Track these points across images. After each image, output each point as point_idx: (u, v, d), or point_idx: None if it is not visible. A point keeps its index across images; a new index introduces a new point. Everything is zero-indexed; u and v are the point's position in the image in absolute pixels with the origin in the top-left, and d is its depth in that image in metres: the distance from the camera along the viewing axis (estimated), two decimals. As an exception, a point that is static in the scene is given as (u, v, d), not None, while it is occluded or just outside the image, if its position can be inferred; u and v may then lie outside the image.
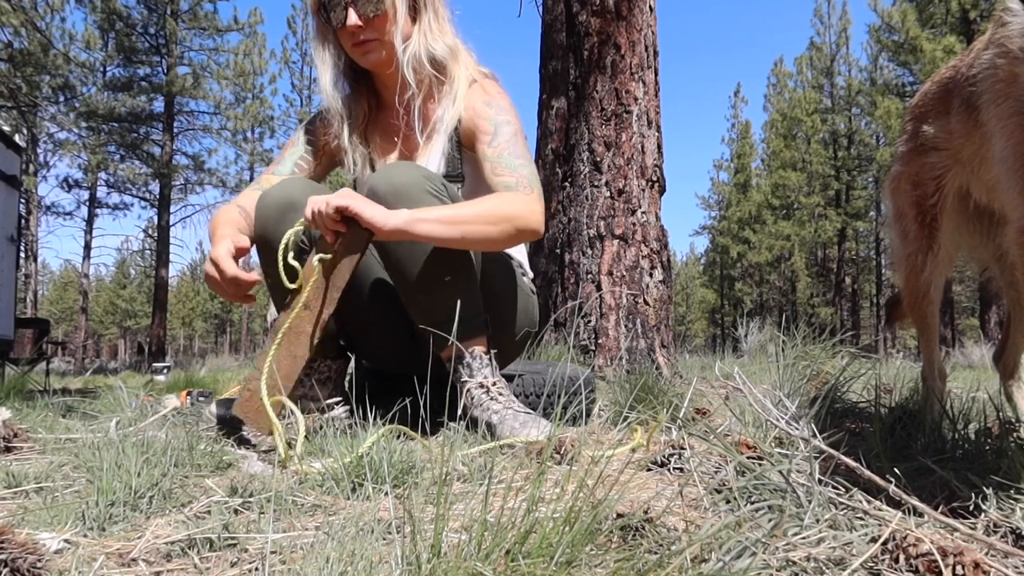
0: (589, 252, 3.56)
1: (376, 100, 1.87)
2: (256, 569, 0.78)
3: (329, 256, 1.51)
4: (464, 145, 1.79)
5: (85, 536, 0.90)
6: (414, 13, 1.75)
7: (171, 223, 19.63)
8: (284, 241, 1.52)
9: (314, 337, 1.53)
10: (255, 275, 1.53)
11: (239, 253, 1.54)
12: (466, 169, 1.81)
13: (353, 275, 1.53)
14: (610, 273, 3.50)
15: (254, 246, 1.67)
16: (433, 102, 1.80)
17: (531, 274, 1.99)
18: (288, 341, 1.52)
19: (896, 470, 1.00)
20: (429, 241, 1.52)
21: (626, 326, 3.44)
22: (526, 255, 2.00)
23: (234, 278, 1.50)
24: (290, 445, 1.31)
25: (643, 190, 3.62)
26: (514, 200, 1.60)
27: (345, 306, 1.72)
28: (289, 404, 1.38)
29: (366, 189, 1.57)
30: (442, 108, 1.78)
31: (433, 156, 1.78)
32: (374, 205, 1.46)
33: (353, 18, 1.68)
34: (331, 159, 1.90)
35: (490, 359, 1.66)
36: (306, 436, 1.39)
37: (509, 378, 1.79)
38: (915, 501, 0.88)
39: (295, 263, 1.53)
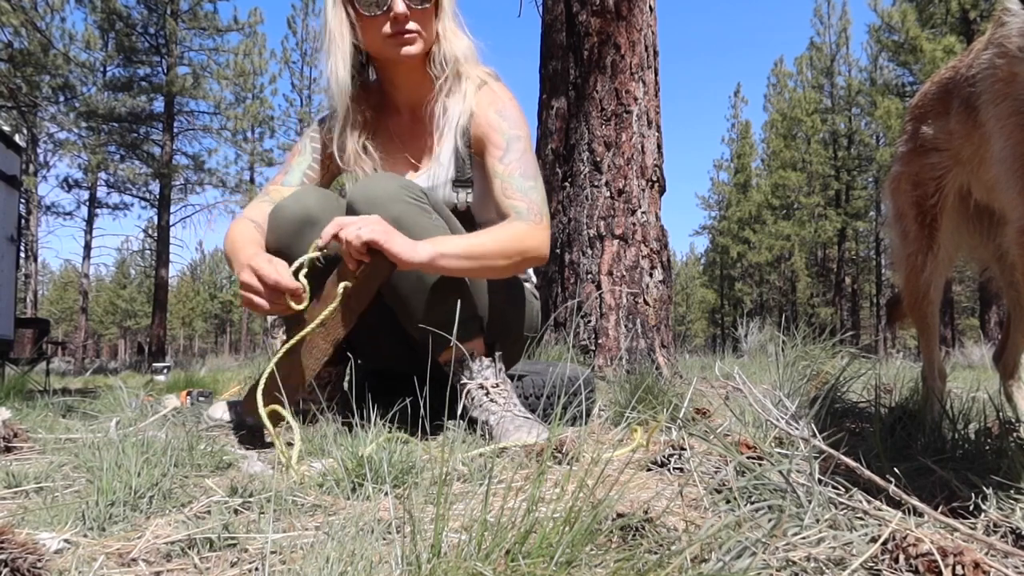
0: (589, 252, 3.56)
1: (379, 103, 1.86)
2: (256, 569, 0.78)
3: (351, 284, 1.52)
4: (474, 151, 1.78)
5: (85, 536, 0.90)
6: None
7: (171, 223, 19.64)
8: (302, 262, 1.52)
9: (327, 353, 1.56)
10: (299, 284, 1.50)
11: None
12: (475, 173, 1.80)
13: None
14: (610, 273, 3.50)
15: None
16: (441, 104, 1.80)
17: (535, 280, 1.99)
18: (305, 354, 1.55)
19: (896, 470, 1.00)
20: (447, 274, 1.55)
21: (626, 326, 3.44)
22: None
23: (283, 286, 1.47)
24: (290, 444, 1.31)
25: (643, 190, 3.62)
26: (527, 232, 1.62)
27: None
28: (286, 414, 1.38)
29: (345, 201, 1.58)
30: (451, 111, 1.77)
31: (443, 160, 1.78)
32: (401, 238, 1.46)
33: (401, 6, 1.67)
34: (338, 165, 1.89)
35: (492, 360, 1.66)
36: (304, 439, 1.39)
37: (511, 379, 1.79)
38: (915, 501, 0.88)
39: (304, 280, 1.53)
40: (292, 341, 1.53)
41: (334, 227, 1.46)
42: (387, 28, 1.70)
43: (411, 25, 1.69)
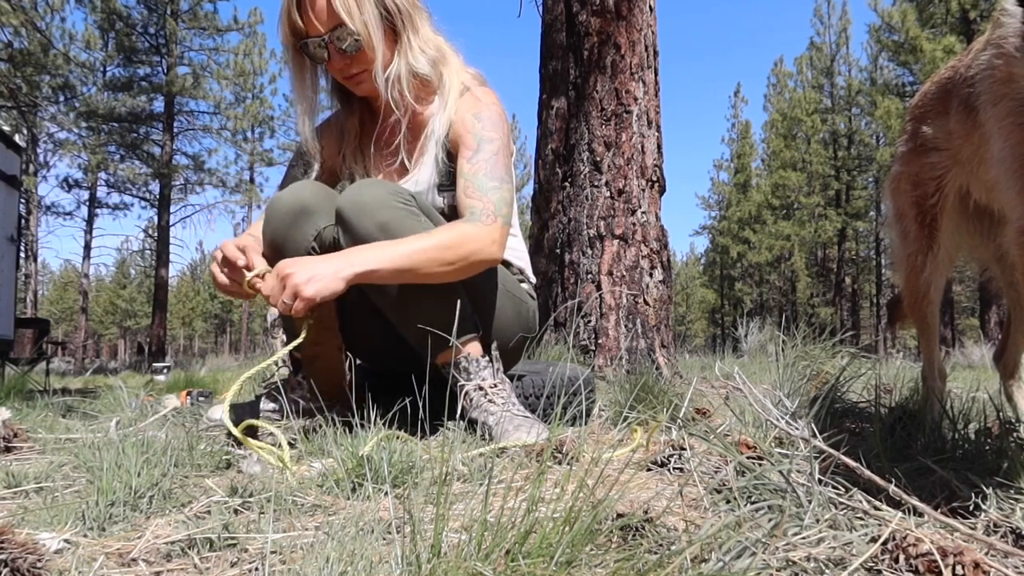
0: (589, 252, 3.56)
1: (370, 111, 1.87)
2: (256, 569, 0.78)
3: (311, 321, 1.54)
4: (451, 154, 1.78)
5: (85, 536, 0.90)
6: (394, 35, 1.73)
7: (171, 223, 19.64)
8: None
9: (338, 352, 1.67)
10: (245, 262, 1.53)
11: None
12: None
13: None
14: (610, 273, 3.50)
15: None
16: (426, 111, 1.80)
17: (533, 280, 1.99)
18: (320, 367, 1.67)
19: (896, 470, 1.00)
20: (384, 283, 1.54)
21: (626, 326, 3.44)
22: (528, 260, 2.00)
23: (232, 261, 1.52)
24: (291, 445, 1.31)
25: (643, 190, 3.62)
26: (473, 234, 1.57)
27: (343, 309, 1.73)
28: (265, 425, 1.39)
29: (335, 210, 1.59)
30: (434, 118, 1.77)
31: (426, 167, 1.78)
32: (313, 280, 1.41)
33: (335, 59, 1.68)
34: (332, 174, 1.90)
35: (489, 361, 1.66)
36: (303, 440, 1.39)
37: (511, 379, 1.79)
38: (915, 501, 0.88)
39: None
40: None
41: (275, 301, 1.47)
42: (336, 74, 1.74)
43: (354, 69, 1.71)
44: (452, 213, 1.79)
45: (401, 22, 1.71)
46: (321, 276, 1.43)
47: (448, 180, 1.78)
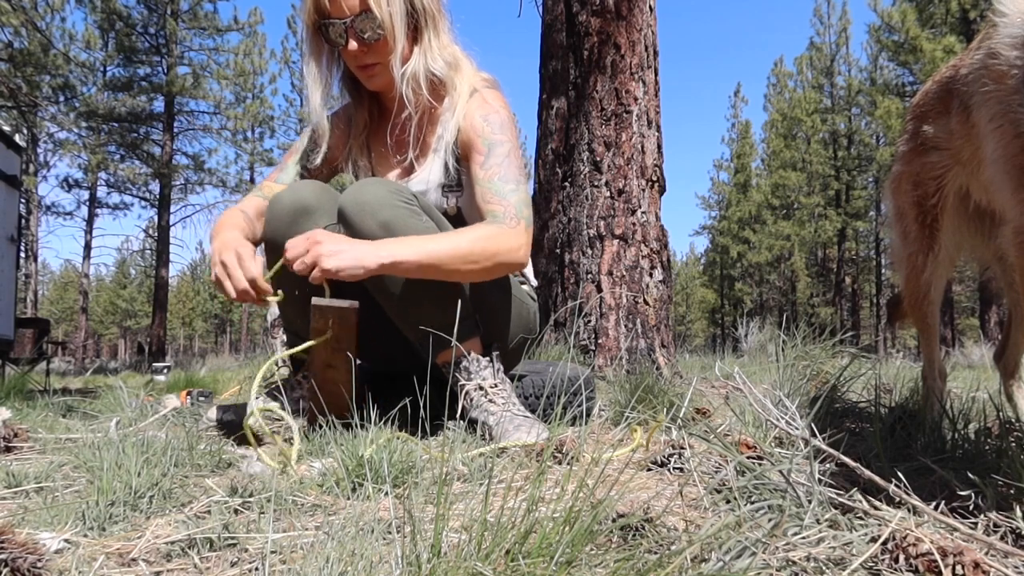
0: (589, 252, 3.55)
1: (378, 107, 1.87)
2: (256, 569, 0.78)
3: (329, 336, 1.52)
4: (461, 156, 1.78)
5: (85, 536, 0.90)
6: (415, 33, 1.73)
7: (171, 223, 19.64)
8: (276, 270, 1.52)
9: (347, 377, 1.55)
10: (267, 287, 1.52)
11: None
12: (465, 179, 1.80)
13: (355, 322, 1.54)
14: (610, 273, 3.50)
15: (259, 248, 1.67)
16: (435, 112, 1.79)
17: (534, 281, 1.98)
18: (325, 390, 1.56)
19: (896, 470, 1.00)
20: (408, 276, 1.54)
21: (626, 326, 3.44)
22: (530, 262, 2.00)
23: (252, 280, 1.49)
24: (289, 441, 1.31)
25: (643, 190, 3.62)
26: (498, 235, 1.58)
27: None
28: (286, 416, 1.38)
29: (337, 208, 1.58)
30: (443, 120, 1.77)
31: (434, 167, 1.78)
32: (337, 256, 1.43)
33: (352, 44, 1.67)
34: (333, 165, 1.90)
35: (489, 360, 1.66)
36: (305, 436, 1.39)
37: (511, 379, 1.79)
38: (915, 501, 0.88)
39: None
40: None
41: (291, 256, 1.47)
42: (351, 61, 1.72)
43: (369, 59, 1.70)
44: (458, 214, 1.79)
45: (425, 21, 1.72)
46: (347, 257, 1.44)
47: (453, 181, 1.78)
